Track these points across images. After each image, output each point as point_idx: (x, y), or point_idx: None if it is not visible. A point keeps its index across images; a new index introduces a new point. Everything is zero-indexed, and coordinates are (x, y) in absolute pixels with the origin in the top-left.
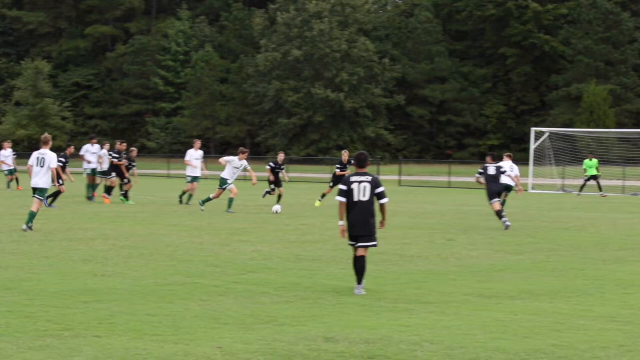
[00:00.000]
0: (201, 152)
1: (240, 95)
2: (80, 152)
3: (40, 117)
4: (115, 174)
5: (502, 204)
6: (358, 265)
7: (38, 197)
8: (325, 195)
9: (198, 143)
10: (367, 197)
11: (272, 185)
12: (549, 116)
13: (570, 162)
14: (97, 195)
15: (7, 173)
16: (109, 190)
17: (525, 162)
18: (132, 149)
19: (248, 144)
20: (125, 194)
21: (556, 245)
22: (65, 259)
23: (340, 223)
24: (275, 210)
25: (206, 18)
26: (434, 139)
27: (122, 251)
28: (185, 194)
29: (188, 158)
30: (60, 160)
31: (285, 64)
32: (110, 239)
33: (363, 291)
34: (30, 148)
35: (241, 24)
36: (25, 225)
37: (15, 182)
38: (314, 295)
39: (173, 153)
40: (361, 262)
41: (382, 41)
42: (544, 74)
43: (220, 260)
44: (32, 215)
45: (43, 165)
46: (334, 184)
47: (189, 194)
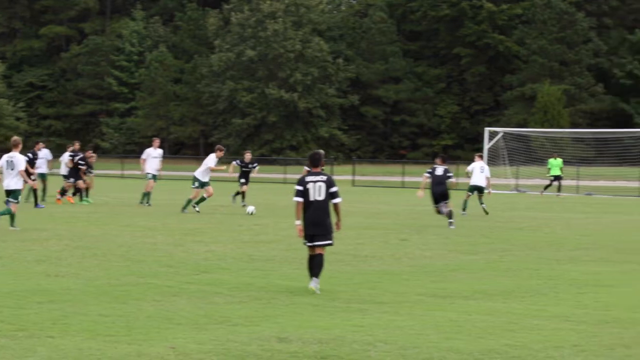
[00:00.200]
0: (160, 151)
1: (194, 95)
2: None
3: None
4: (74, 179)
5: (480, 204)
6: (316, 261)
7: (12, 200)
8: None
9: (157, 142)
10: (323, 197)
11: (243, 179)
12: (503, 116)
13: (524, 162)
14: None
15: None
16: (77, 191)
17: None
18: (92, 155)
19: (202, 144)
20: (80, 194)
21: (510, 245)
22: (18, 259)
23: (297, 222)
24: (249, 211)
25: (160, 18)
26: (388, 139)
27: (76, 251)
28: (148, 194)
29: (144, 157)
30: (28, 155)
31: (239, 64)
32: (64, 239)
33: (318, 285)
34: None
35: (195, 24)
36: (11, 227)
37: None
38: (268, 295)
39: (127, 153)
40: (319, 259)
41: (336, 41)
42: (498, 74)
43: (173, 260)
44: (12, 215)
45: (13, 168)
46: None
47: (149, 192)
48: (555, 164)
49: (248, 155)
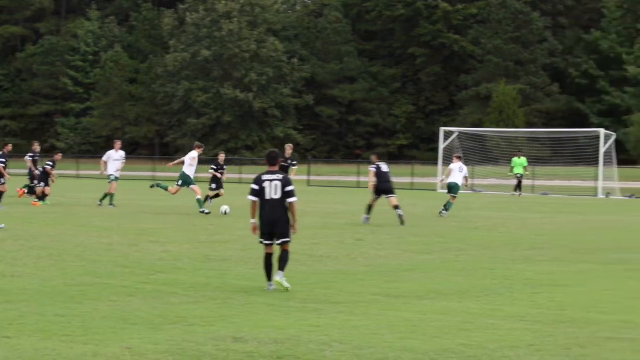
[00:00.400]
0: (122, 153)
1: (149, 95)
2: None
3: None
4: (44, 183)
5: (446, 206)
6: (282, 255)
7: None
8: None
9: (119, 144)
10: (279, 195)
11: (214, 185)
12: (458, 116)
13: (480, 162)
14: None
15: None
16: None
17: (434, 162)
18: (59, 154)
19: (157, 144)
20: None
21: (465, 245)
22: None
23: (252, 221)
24: (223, 210)
25: (115, 18)
26: (343, 139)
27: (32, 252)
28: (107, 196)
29: (105, 159)
30: (1, 160)
31: (194, 64)
32: (20, 239)
33: (285, 282)
34: None
35: (150, 24)
36: None
37: None
38: (223, 295)
39: (82, 153)
40: (284, 254)
41: (291, 41)
42: (454, 74)
43: (129, 260)
44: None
45: None
46: None
47: (113, 194)
48: (519, 163)
49: (222, 156)
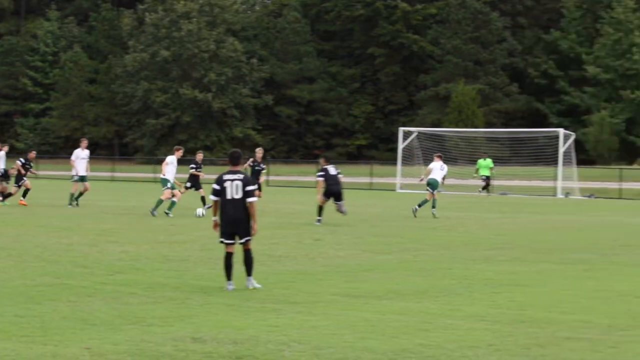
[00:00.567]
0: (87, 152)
1: (109, 95)
2: None
3: None
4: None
5: (433, 204)
6: (246, 259)
7: None
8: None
9: (84, 142)
10: (240, 195)
11: (189, 183)
12: (417, 116)
13: None
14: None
15: None
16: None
17: (393, 162)
18: (32, 152)
19: (116, 144)
20: (6, 195)
21: (424, 245)
22: None
23: (214, 218)
24: (199, 213)
25: (75, 18)
26: (302, 139)
27: None
28: (74, 195)
29: (74, 157)
30: None
31: (154, 64)
32: None
33: (256, 283)
34: None
35: (110, 24)
36: None
37: None
38: (182, 296)
39: (41, 154)
40: (248, 256)
41: (250, 41)
42: (413, 74)
43: (88, 260)
44: None
45: None
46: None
47: (74, 193)
48: (484, 165)
49: (200, 156)
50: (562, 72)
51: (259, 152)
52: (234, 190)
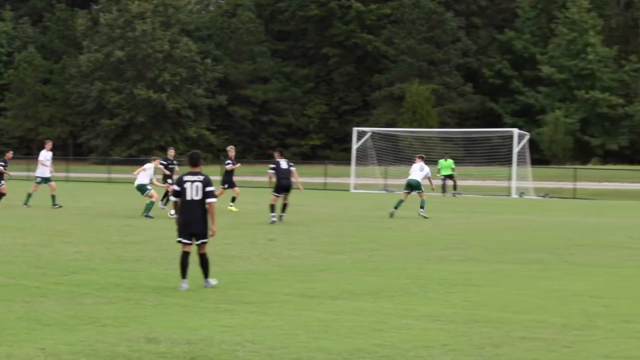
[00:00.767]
0: (51, 153)
1: (63, 95)
2: None
3: None
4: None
5: (422, 205)
6: (202, 263)
7: None
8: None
9: (49, 144)
10: (199, 196)
11: (170, 180)
12: (371, 116)
13: (393, 162)
14: None
15: None
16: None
17: (348, 162)
18: (9, 152)
19: (70, 144)
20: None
21: (378, 245)
22: None
23: (176, 216)
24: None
25: (29, 19)
26: (256, 139)
27: None
28: (31, 196)
29: (42, 158)
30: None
31: (108, 65)
32: None
33: (214, 282)
34: None
35: (64, 25)
36: None
37: None
38: (136, 296)
39: None
40: (203, 259)
41: (205, 41)
42: (367, 74)
43: (42, 261)
44: None
45: None
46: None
47: (30, 194)
48: (445, 165)
49: (172, 152)
50: (517, 72)
51: (231, 150)
52: (193, 191)
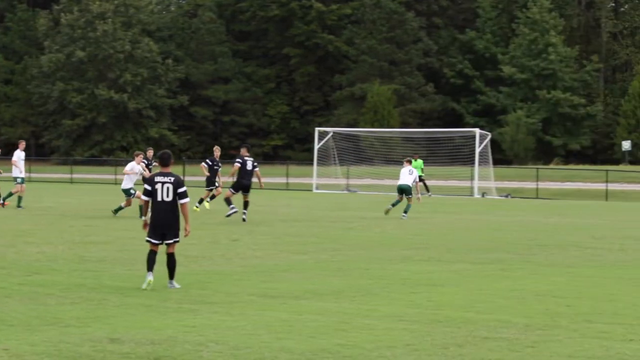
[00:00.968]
0: (24, 153)
1: (24, 96)
2: None
3: None
4: None
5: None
6: (169, 263)
7: None
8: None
9: (23, 144)
10: (170, 197)
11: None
12: (332, 116)
13: (355, 162)
14: None
15: None
16: None
17: (309, 162)
18: None
19: (32, 145)
20: None
21: (340, 245)
22: None
23: (143, 218)
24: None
25: None
26: (218, 139)
27: None
28: (12, 195)
29: (15, 158)
30: None
31: (69, 65)
32: None
33: (177, 284)
34: None
35: (25, 25)
36: None
37: None
38: (99, 296)
39: None
40: (171, 259)
41: (166, 42)
42: (328, 74)
43: (5, 261)
44: None
45: None
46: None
47: (19, 196)
48: (415, 165)
49: (151, 152)
50: (478, 72)
51: (217, 151)
52: (164, 192)
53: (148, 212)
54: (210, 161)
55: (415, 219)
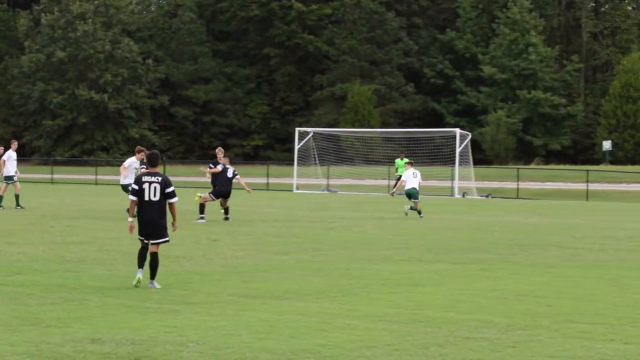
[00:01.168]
0: (15, 154)
1: (5, 96)
2: None
3: None
4: None
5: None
6: (152, 262)
7: None
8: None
9: (15, 144)
10: (157, 197)
11: None
12: (313, 116)
13: (335, 162)
14: None
15: None
16: None
17: (290, 162)
18: None
19: None
20: None
21: (321, 245)
22: None
23: (130, 219)
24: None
25: None
26: (198, 140)
27: None
28: (18, 197)
29: (5, 158)
30: None
31: (50, 65)
32: None
33: (157, 285)
34: None
35: (5, 25)
36: None
37: None
38: (80, 297)
39: None
40: (154, 258)
41: (146, 42)
42: (308, 74)
43: None
44: None
45: None
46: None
47: (16, 194)
48: (401, 164)
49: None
50: (458, 72)
51: (220, 152)
52: (151, 192)
53: (134, 213)
54: (213, 164)
55: (395, 219)
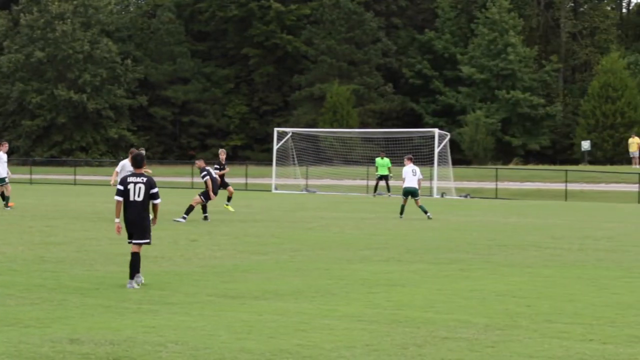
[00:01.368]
0: (6, 155)
1: None
2: None
3: None
4: None
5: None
6: (131, 261)
7: None
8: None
9: (5, 145)
10: (141, 198)
11: None
12: (292, 116)
13: (314, 162)
14: None
15: None
16: None
17: (269, 162)
18: None
19: None
20: None
21: (300, 245)
22: None
23: (116, 220)
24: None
25: None
26: (177, 140)
27: None
28: (8, 198)
29: None
30: None
31: (29, 65)
32: None
33: (136, 285)
34: None
35: None
36: None
37: None
38: (59, 297)
39: None
40: (134, 258)
41: (125, 42)
42: (287, 74)
43: None
44: None
45: None
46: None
47: (6, 196)
48: (382, 164)
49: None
50: (437, 72)
51: (222, 154)
52: (136, 192)
53: (120, 214)
54: (219, 167)
55: (374, 219)
